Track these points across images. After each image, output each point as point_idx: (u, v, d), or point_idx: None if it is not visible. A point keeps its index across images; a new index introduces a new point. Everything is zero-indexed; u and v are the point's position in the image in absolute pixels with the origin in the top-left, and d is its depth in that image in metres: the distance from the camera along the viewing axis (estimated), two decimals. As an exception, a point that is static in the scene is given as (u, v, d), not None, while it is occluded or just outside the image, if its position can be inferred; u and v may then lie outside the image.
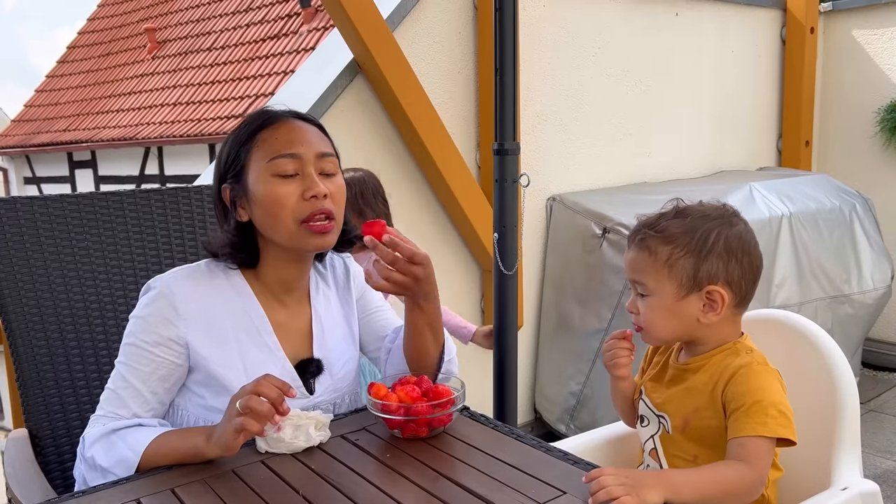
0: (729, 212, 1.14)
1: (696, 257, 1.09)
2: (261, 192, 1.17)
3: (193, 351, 1.17)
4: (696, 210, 1.13)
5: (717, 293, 1.09)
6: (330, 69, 2.30)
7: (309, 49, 8.66)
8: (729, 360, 1.11)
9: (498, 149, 1.93)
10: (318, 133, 1.22)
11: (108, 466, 1.09)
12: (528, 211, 2.73)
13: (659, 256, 1.10)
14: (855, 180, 3.40)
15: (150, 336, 1.16)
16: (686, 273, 1.09)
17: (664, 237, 1.10)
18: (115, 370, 1.18)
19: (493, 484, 0.98)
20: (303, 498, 0.96)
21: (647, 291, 1.12)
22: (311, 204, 1.15)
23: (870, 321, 3.10)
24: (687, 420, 1.12)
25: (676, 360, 1.19)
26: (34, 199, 1.44)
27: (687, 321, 1.11)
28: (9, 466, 1.30)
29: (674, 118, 3.24)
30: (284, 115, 1.23)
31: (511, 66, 1.89)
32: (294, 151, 1.16)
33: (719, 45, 3.36)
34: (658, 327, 1.12)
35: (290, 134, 1.19)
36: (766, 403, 1.04)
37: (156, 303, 1.17)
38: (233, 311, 1.20)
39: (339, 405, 1.27)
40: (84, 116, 11.71)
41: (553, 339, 2.77)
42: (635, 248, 1.14)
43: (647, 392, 1.21)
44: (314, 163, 1.17)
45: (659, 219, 1.13)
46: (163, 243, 1.54)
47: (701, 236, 1.09)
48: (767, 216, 2.76)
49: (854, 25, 3.59)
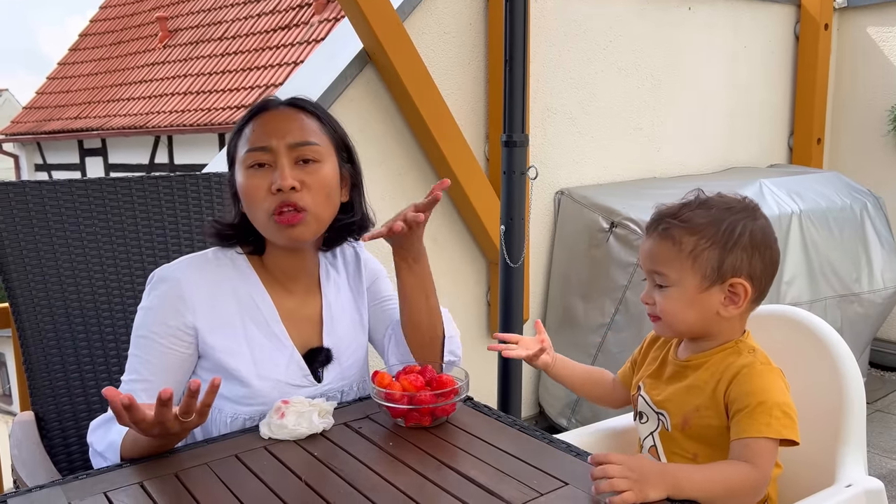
0: (752, 205, 1.12)
1: (722, 249, 1.06)
2: (240, 184, 1.18)
3: (201, 339, 1.17)
4: (720, 202, 1.10)
5: (741, 286, 1.07)
6: (340, 59, 2.29)
7: (320, 39, 8.64)
8: (731, 359, 1.10)
9: (507, 140, 1.93)
10: (304, 120, 1.20)
11: (102, 451, 1.11)
12: (535, 204, 2.72)
13: (684, 247, 1.07)
14: (867, 178, 3.37)
15: (160, 327, 1.15)
16: (711, 265, 1.07)
17: (689, 227, 1.08)
18: (129, 362, 1.18)
19: (496, 474, 0.98)
20: (305, 484, 0.97)
21: (667, 282, 1.09)
22: (276, 197, 1.15)
23: (879, 320, 3.07)
24: (687, 418, 1.11)
25: (676, 356, 1.17)
26: (43, 183, 1.44)
27: (707, 314, 1.09)
28: (14, 448, 1.31)
29: (684, 113, 3.22)
30: (273, 104, 1.21)
31: (521, 58, 1.89)
32: (265, 144, 1.16)
33: (732, 41, 3.33)
34: (677, 319, 1.10)
35: (267, 125, 1.18)
36: (770, 404, 1.03)
37: (162, 293, 1.17)
38: (240, 299, 1.21)
39: (346, 393, 1.28)
40: (95, 104, 11.74)
41: (557, 333, 2.76)
42: (657, 237, 1.10)
43: (646, 388, 1.19)
44: (286, 153, 1.16)
45: (682, 209, 1.10)
46: (170, 230, 1.54)
47: (727, 228, 1.07)
48: (777, 213, 2.74)
49: (869, 22, 3.56)
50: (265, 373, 1.18)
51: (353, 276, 1.34)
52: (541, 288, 2.82)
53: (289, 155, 1.16)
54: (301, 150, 1.17)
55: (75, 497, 0.95)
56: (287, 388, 1.20)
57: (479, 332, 2.70)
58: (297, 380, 1.21)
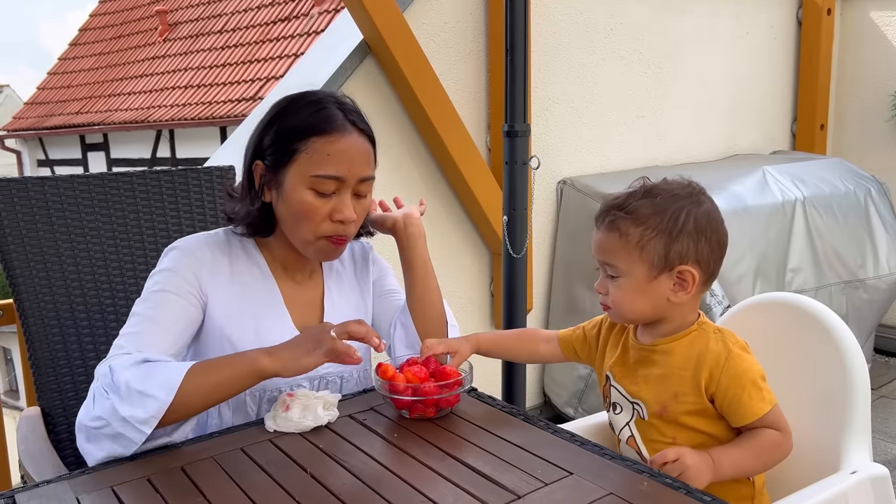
0: (696, 190, 1.12)
1: (668, 238, 1.08)
2: (294, 198, 1.18)
3: (209, 309, 1.19)
4: (665, 189, 1.11)
5: (689, 272, 1.09)
6: (340, 51, 2.29)
7: (320, 31, 8.62)
8: (702, 342, 1.11)
9: (508, 130, 1.92)
10: (367, 152, 1.21)
11: (144, 389, 1.02)
12: (538, 194, 2.72)
13: (630, 238, 1.09)
14: (870, 164, 3.36)
15: (178, 285, 1.17)
16: (657, 254, 1.08)
17: (635, 218, 1.09)
18: (134, 317, 1.15)
19: (500, 464, 0.98)
20: (311, 476, 0.97)
21: (617, 273, 1.11)
22: (335, 226, 1.18)
23: (884, 306, 3.07)
24: (665, 406, 1.12)
25: (636, 340, 1.17)
26: (45, 179, 1.44)
27: (657, 301, 1.11)
28: (21, 443, 1.32)
29: (687, 101, 3.20)
30: (344, 125, 1.18)
31: (522, 47, 1.88)
32: (342, 175, 1.17)
33: (734, 27, 3.31)
34: (628, 308, 1.12)
35: (343, 154, 1.17)
36: (756, 379, 1.08)
37: (182, 257, 1.20)
38: (247, 277, 1.24)
39: (346, 379, 1.29)
40: (96, 99, 11.74)
41: (563, 323, 2.76)
42: (605, 229, 1.12)
43: (616, 378, 1.19)
44: (354, 186, 1.19)
45: (627, 199, 1.11)
46: (172, 224, 1.55)
47: (671, 216, 1.08)
48: (781, 200, 2.73)
49: (872, 7, 3.53)
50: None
51: (360, 269, 1.37)
52: (544, 277, 2.82)
53: (354, 187, 1.19)
54: (363, 185, 1.20)
55: (83, 491, 0.96)
56: None
57: (483, 323, 2.71)
58: None
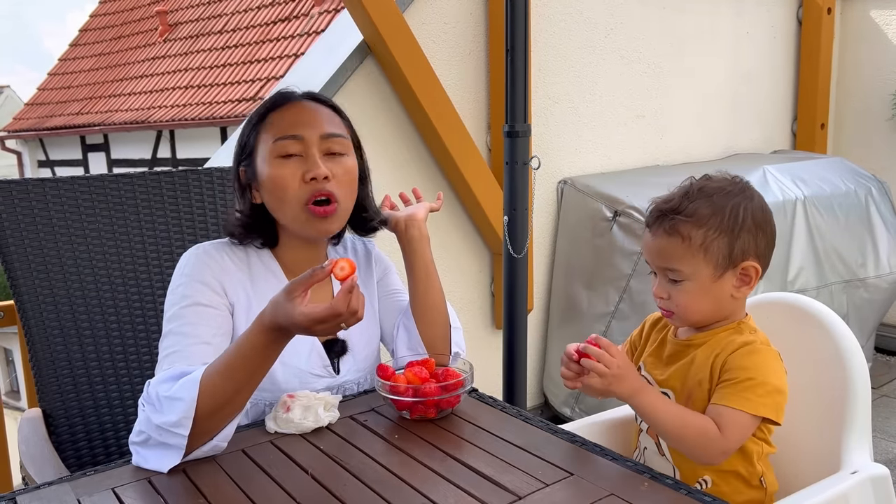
0: (745, 184, 1.13)
1: (730, 236, 1.08)
2: (266, 174, 1.18)
3: (236, 316, 1.18)
4: (717, 187, 1.11)
5: (752, 267, 1.10)
6: (340, 51, 2.29)
7: (320, 31, 8.62)
8: (733, 337, 1.11)
9: (509, 131, 1.92)
10: (328, 114, 1.22)
11: (172, 394, 1.01)
12: (538, 194, 2.72)
13: (693, 241, 1.08)
14: (871, 163, 3.36)
15: (208, 297, 1.15)
16: (722, 253, 1.08)
17: (695, 220, 1.08)
18: (173, 336, 1.12)
19: (501, 465, 0.98)
20: (312, 478, 0.97)
21: (681, 277, 1.10)
22: (311, 186, 1.15)
23: (885, 305, 3.07)
24: (691, 393, 1.12)
25: (675, 336, 1.19)
26: (45, 180, 1.44)
27: (722, 300, 1.11)
28: (23, 445, 1.32)
29: (687, 100, 3.20)
30: (295, 96, 1.23)
31: (522, 47, 1.87)
32: (297, 133, 1.16)
33: (734, 26, 3.31)
34: (694, 310, 1.11)
35: (296, 116, 1.19)
36: (759, 382, 1.05)
37: (202, 262, 1.18)
38: (264, 285, 1.22)
39: (361, 384, 1.29)
40: (96, 100, 11.74)
41: (562, 323, 2.77)
42: (664, 234, 1.10)
43: (647, 368, 1.20)
44: (318, 144, 1.17)
45: (682, 201, 1.10)
46: (173, 225, 1.55)
47: (731, 214, 1.08)
48: (782, 200, 2.73)
49: (872, 6, 3.53)
50: (287, 359, 1.18)
51: (363, 270, 1.35)
52: (545, 278, 2.82)
53: (319, 146, 1.17)
54: (330, 141, 1.18)
55: (84, 493, 0.96)
56: (308, 378, 1.21)
57: (484, 324, 2.71)
58: (318, 370, 1.22)
